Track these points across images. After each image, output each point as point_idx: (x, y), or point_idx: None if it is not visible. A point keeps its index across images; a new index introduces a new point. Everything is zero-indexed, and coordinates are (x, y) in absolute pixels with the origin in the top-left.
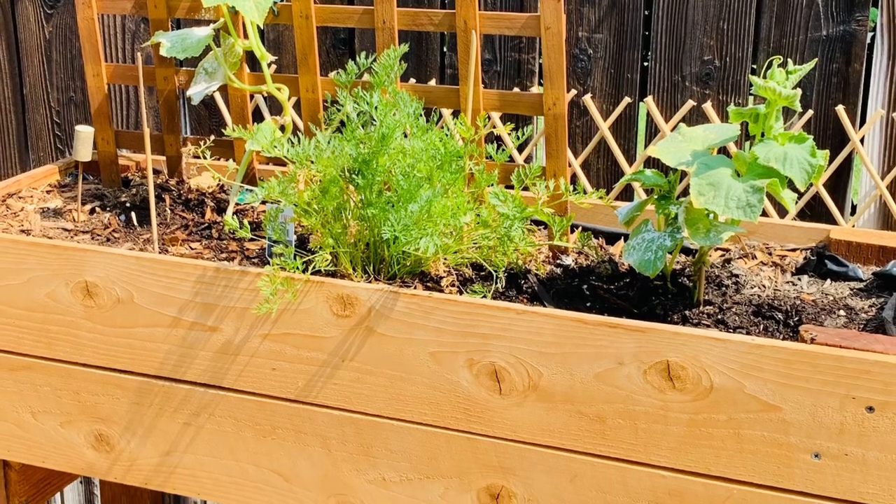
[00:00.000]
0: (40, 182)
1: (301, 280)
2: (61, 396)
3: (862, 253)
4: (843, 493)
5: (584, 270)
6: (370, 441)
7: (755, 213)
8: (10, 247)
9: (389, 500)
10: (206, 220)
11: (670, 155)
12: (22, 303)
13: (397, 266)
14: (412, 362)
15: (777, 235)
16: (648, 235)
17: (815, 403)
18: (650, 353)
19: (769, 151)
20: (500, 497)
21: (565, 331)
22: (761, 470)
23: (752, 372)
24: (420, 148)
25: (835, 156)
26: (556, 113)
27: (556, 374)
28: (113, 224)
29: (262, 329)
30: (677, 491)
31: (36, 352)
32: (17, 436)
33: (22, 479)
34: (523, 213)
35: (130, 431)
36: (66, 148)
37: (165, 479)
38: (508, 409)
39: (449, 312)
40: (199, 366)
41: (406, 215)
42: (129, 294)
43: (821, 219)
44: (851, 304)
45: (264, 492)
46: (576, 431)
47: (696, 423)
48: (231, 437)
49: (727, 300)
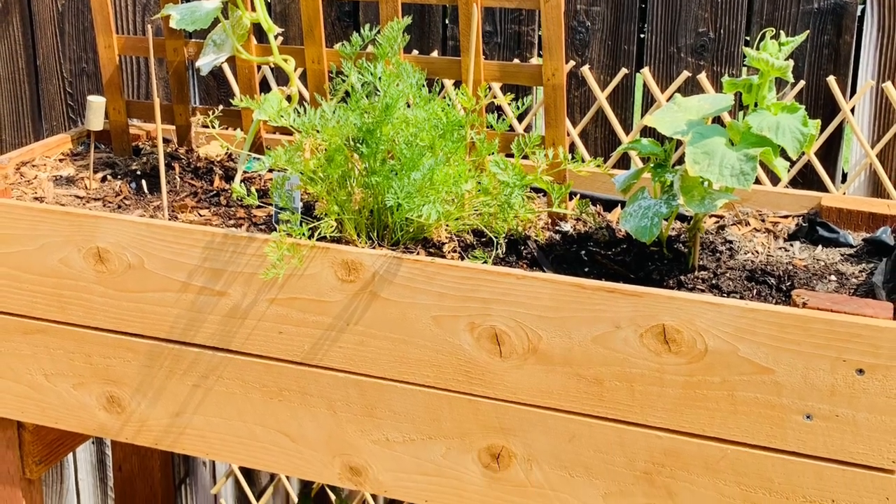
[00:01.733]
0: (53, 151)
1: (307, 246)
2: (74, 359)
3: (852, 219)
4: (835, 453)
5: (583, 237)
6: (374, 402)
7: (749, 181)
8: (24, 214)
9: (393, 460)
10: (215, 187)
11: (666, 124)
12: (35, 268)
13: (400, 232)
14: (415, 326)
15: (770, 202)
16: (645, 203)
17: (806, 366)
18: (646, 317)
19: (762, 121)
20: (501, 457)
21: (564, 295)
22: (754, 430)
23: (746, 335)
24: (423, 118)
25: (826, 125)
26: (554, 84)
27: (554, 338)
28: (124, 191)
29: (268, 294)
30: (673, 451)
31: (49, 316)
32: (31, 398)
33: (36, 440)
34: (523, 181)
35: (141, 393)
36: (78, 118)
37: (175, 439)
38: (508, 372)
39: (451, 277)
40: (208, 329)
41: (409, 183)
42: (140, 260)
43: (812, 186)
44: (842, 269)
45: (271, 452)
46: (574, 393)
47: (690, 385)
48: (239, 398)
49: (721, 265)
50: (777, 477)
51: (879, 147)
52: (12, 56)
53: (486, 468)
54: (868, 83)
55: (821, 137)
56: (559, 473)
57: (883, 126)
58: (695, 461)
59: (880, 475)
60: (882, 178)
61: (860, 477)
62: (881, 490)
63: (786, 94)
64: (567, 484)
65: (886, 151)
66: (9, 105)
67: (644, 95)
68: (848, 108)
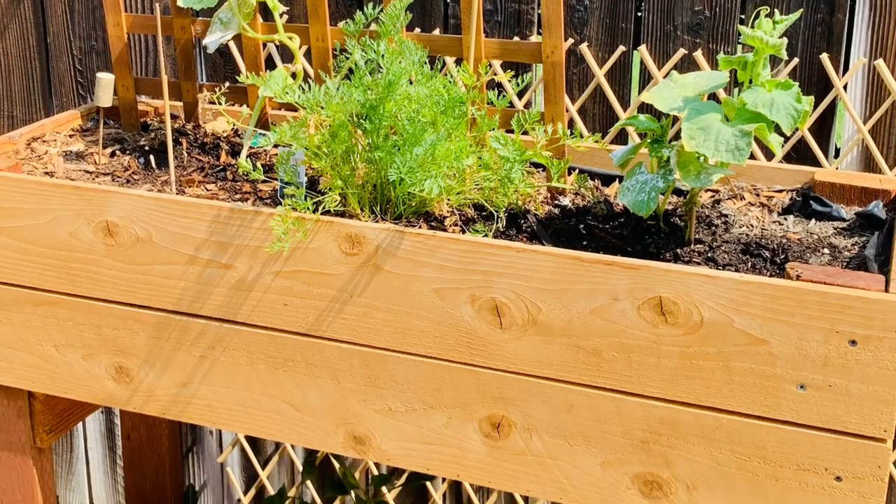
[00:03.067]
0: (63, 126)
1: (311, 220)
2: (83, 330)
3: (845, 194)
4: (828, 423)
5: (581, 211)
6: (377, 373)
7: (743, 156)
8: (35, 188)
9: (395, 429)
10: (221, 162)
11: (663, 101)
12: (46, 241)
13: (403, 206)
14: (417, 298)
15: (764, 177)
16: (642, 177)
17: (800, 337)
18: (643, 290)
19: (757, 97)
20: (501, 426)
21: (563, 268)
22: (749, 400)
23: (741, 307)
24: (425, 94)
25: (819, 102)
26: (554, 61)
27: (554, 310)
28: (132, 166)
29: (274, 266)
30: (669, 420)
31: (59, 288)
32: (41, 368)
33: (46, 409)
34: (523, 156)
35: (149, 364)
36: (87, 94)
37: (182, 409)
38: (509, 343)
39: (452, 250)
40: (215, 301)
41: (411, 158)
42: (148, 233)
43: (806, 161)
44: (835, 242)
45: (276, 421)
46: (573, 364)
47: (687, 355)
48: (245, 369)
49: (717, 239)
50: (771, 445)
51: (871, 123)
52: (23, 34)
53: (486, 437)
54: (860, 61)
55: (814, 114)
56: (558, 442)
57: (875, 102)
58: (691, 430)
59: (872, 444)
60: (874, 153)
61: (853, 445)
62: (873, 458)
63: (780, 72)
64: (566, 452)
65: (878, 127)
66: (20, 82)
67: (641, 73)
68: (840, 84)
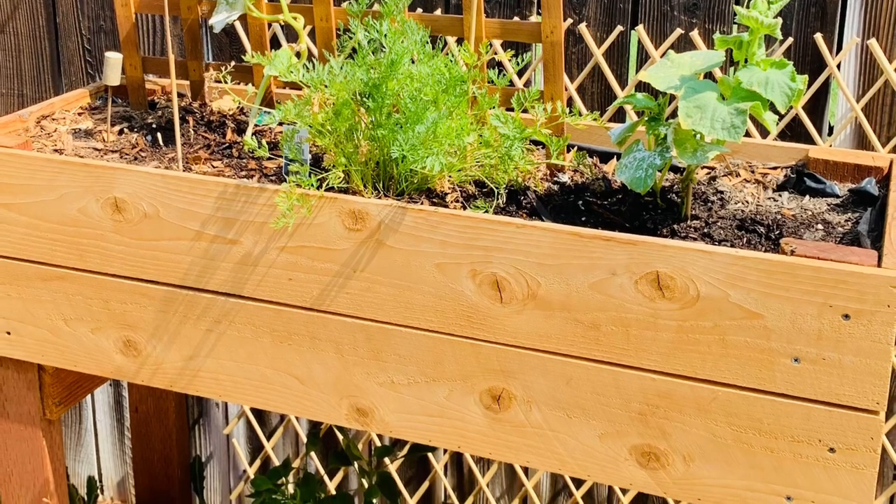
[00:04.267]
0: (72, 105)
1: (315, 196)
2: (92, 305)
3: (838, 171)
4: (821, 395)
5: (580, 187)
6: (380, 346)
7: (739, 134)
8: (45, 165)
9: (398, 402)
10: (227, 140)
11: (660, 80)
12: (55, 217)
13: (405, 183)
14: (419, 273)
15: (759, 154)
16: (639, 154)
17: (794, 311)
18: (641, 265)
19: (752, 76)
20: (501, 398)
21: (562, 243)
22: (744, 373)
23: (736, 282)
24: (426, 73)
25: (813, 80)
26: (553, 40)
27: (553, 284)
28: (140, 144)
29: (279, 242)
30: (666, 393)
31: (68, 263)
32: (50, 342)
33: (55, 382)
34: (523, 134)
35: (156, 337)
36: (96, 73)
37: (189, 381)
38: (509, 317)
39: (453, 226)
40: (221, 276)
41: (413, 136)
42: (156, 209)
43: (800, 139)
44: (829, 218)
45: (281, 393)
46: (571, 337)
47: (683, 329)
48: (250, 342)
49: (713, 215)
50: (766, 417)
51: (864, 101)
52: (33, 14)
53: (487, 409)
54: (853, 40)
55: (808, 92)
56: (557, 414)
57: (867, 81)
58: (687, 402)
59: (865, 416)
60: (867, 131)
61: (846, 417)
62: (866, 430)
63: (774, 51)
64: (565, 424)
65: (871, 106)
66: (30, 61)
67: (639, 52)
68: (834, 64)
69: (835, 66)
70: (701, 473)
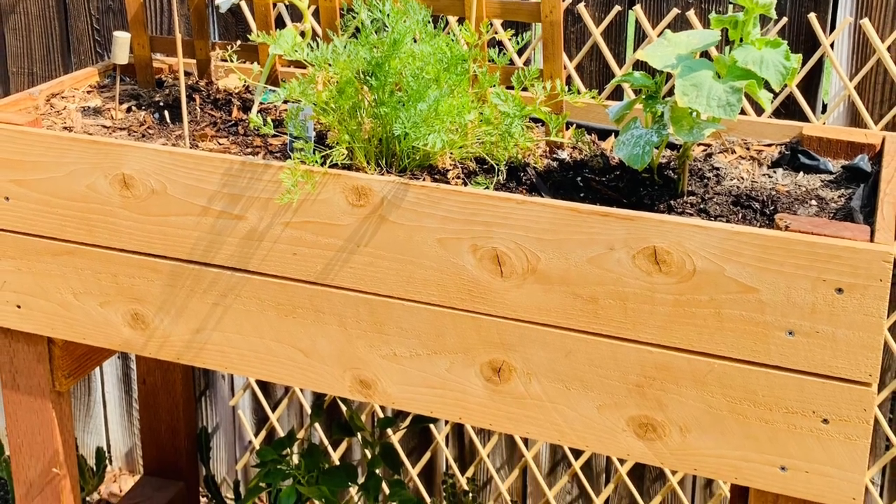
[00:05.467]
0: (81, 83)
1: (319, 172)
2: (100, 279)
3: (832, 148)
4: (815, 367)
5: (578, 164)
6: (383, 319)
7: (734, 112)
8: (54, 142)
9: (400, 374)
10: (233, 118)
11: (657, 58)
12: (64, 193)
13: (407, 160)
14: (421, 248)
15: (754, 132)
16: (637, 132)
17: (789, 285)
18: (638, 240)
19: (747, 55)
20: (502, 371)
21: (561, 219)
22: (739, 346)
23: (732, 256)
24: (428, 52)
25: (807, 59)
26: (552, 20)
27: (552, 259)
28: (148, 121)
29: (283, 217)
30: (663, 365)
31: (77, 238)
32: (60, 315)
33: (65, 355)
34: (523, 112)
35: (164, 311)
36: (104, 52)
37: (196, 354)
38: (509, 291)
39: (455, 202)
40: (227, 251)
41: (415, 113)
42: (163, 185)
43: (794, 117)
44: (822, 194)
45: (286, 366)
46: (570, 311)
47: (680, 303)
48: (255, 316)
49: (709, 191)
50: (761, 389)
51: (857, 80)
52: None
53: (487, 381)
54: (846, 20)
55: (802, 71)
56: (556, 386)
57: (860, 60)
58: (684, 374)
59: (858, 388)
60: (860, 109)
61: (839, 389)
62: (858, 401)
63: (769, 30)
64: (563, 396)
65: (864, 84)
66: (40, 40)
67: (636, 31)
68: (828, 43)
69: (828, 46)
70: (697, 444)
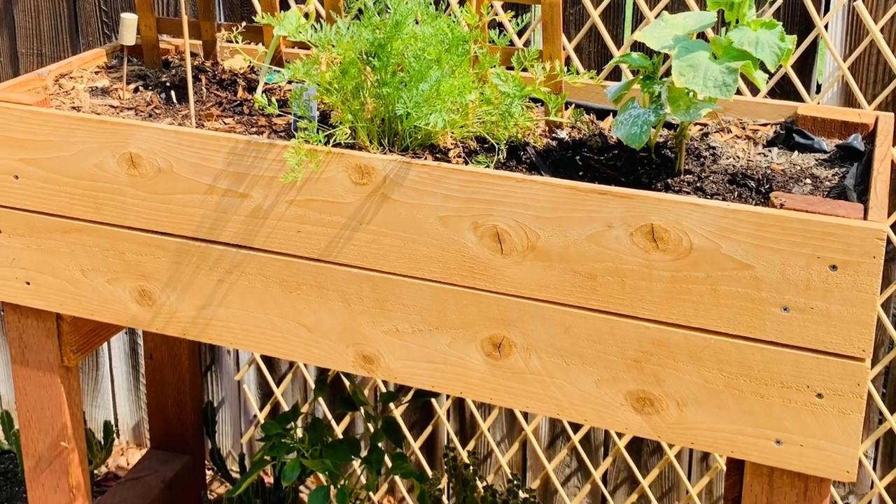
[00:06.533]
0: (89, 64)
1: (323, 151)
2: (108, 256)
3: (826, 127)
4: (810, 343)
5: (577, 143)
6: (385, 296)
7: (730, 92)
8: (63, 122)
9: (402, 349)
10: (238, 98)
11: (654, 39)
12: (73, 172)
13: (409, 139)
14: (423, 225)
15: (750, 112)
16: (635, 112)
17: (783, 262)
18: (636, 217)
19: (743, 36)
20: (502, 346)
21: (560, 197)
22: (735, 322)
23: (728, 234)
24: (430, 33)
25: (802, 40)
26: (551, 2)
27: (551, 236)
28: (154, 101)
29: (288, 195)
30: (660, 340)
31: (85, 216)
32: (69, 292)
33: (73, 330)
34: (522, 92)
35: (170, 287)
36: (112, 33)
37: (202, 330)
38: (509, 268)
39: (456, 181)
40: (232, 228)
41: (417, 93)
42: (169, 164)
43: (789, 97)
44: (817, 173)
45: (290, 341)
46: (569, 287)
47: (677, 279)
48: (260, 292)
49: (705, 170)
50: (756, 365)
51: (851, 60)
52: None
53: (488, 356)
54: (840, 1)
55: (797, 52)
56: (555, 361)
57: (854, 41)
58: (681, 350)
59: (851, 363)
60: (853, 89)
61: (833, 364)
62: (852, 377)
63: (764, 12)
64: (563, 371)
65: (857, 64)
66: (48, 22)
67: (634, 13)
68: (822, 24)
69: (822, 27)
70: (693, 418)
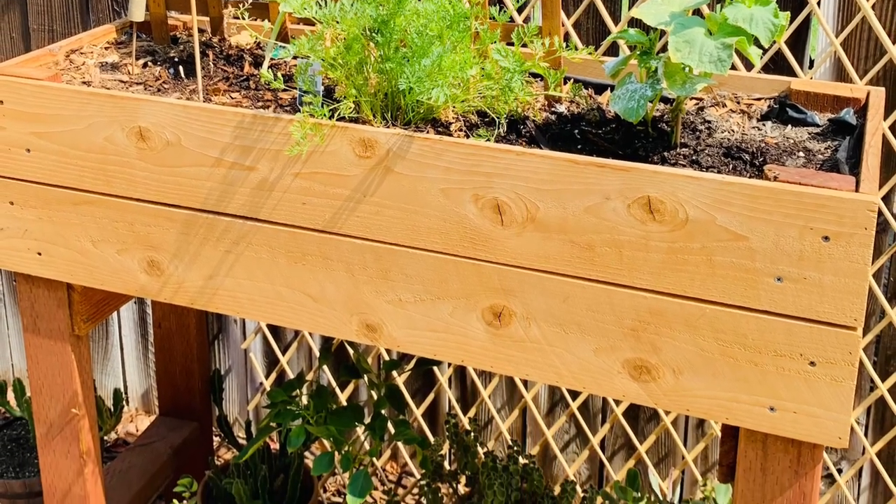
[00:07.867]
0: (99, 40)
1: (328, 125)
2: (118, 227)
3: (819, 102)
4: (803, 312)
5: (576, 117)
6: (388, 266)
7: (725, 67)
8: (73, 96)
9: (405, 318)
10: (245, 73)
11: (651, 16)
12: (83, 145)
13: (412, 113)
14: (425, 197)
15: (744, 86)
16: (632, 86)
17: (777, 233)
18: (633, 190)
19: (737, 13)
20: (502, 315)
21: (559, 170)
22: (730, 291)
23: (723, 206)
24: (432, 10)
25: (795, 17)
26: None
27: (551, 208)
28: (163, 76)
29: (293, 168)
30: (657, 310)
31: (95, 188)
32: (79, 262)
33: (83, 300)
34: (522, 67)
35: (178, 258)
36: (121, 10)
37: (209, 299)
38: (509, 239)
39: (457, 154)
40: (239, 200)
41: (420, 69)
42: (178, 137)
43: (782, 72)
44: (809, 146)
45: (295, 310)
46: (568, 258)
47: (673, 250)
48: (266, 263)
49: (701, 143)
50: (751, 333)
51: (843, 36)
52: None
53: (488, 325)
54: None
55: (790, 28)
56: (554, 330)
57: (846, 17)
58: (677, 319)
59: (844, 332)
60: (845, 64)
61: (826, 333)
62: (844, 345)
63: None
64: (561, 339)
65: (849, 40)
66: None
67: None
68: (815, 1)
69: (815, 3)
70: (689, 385)
